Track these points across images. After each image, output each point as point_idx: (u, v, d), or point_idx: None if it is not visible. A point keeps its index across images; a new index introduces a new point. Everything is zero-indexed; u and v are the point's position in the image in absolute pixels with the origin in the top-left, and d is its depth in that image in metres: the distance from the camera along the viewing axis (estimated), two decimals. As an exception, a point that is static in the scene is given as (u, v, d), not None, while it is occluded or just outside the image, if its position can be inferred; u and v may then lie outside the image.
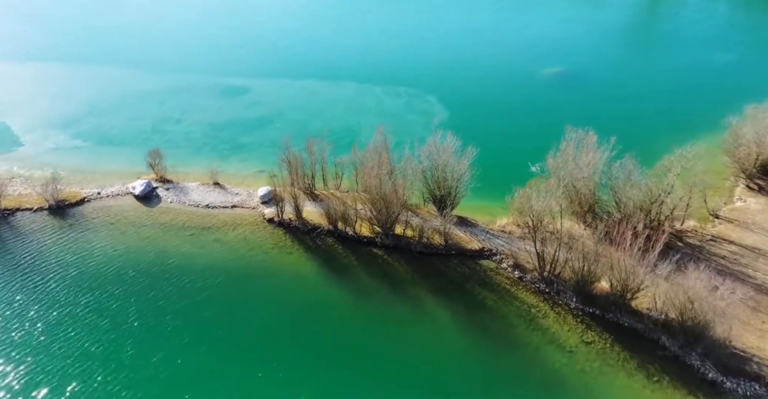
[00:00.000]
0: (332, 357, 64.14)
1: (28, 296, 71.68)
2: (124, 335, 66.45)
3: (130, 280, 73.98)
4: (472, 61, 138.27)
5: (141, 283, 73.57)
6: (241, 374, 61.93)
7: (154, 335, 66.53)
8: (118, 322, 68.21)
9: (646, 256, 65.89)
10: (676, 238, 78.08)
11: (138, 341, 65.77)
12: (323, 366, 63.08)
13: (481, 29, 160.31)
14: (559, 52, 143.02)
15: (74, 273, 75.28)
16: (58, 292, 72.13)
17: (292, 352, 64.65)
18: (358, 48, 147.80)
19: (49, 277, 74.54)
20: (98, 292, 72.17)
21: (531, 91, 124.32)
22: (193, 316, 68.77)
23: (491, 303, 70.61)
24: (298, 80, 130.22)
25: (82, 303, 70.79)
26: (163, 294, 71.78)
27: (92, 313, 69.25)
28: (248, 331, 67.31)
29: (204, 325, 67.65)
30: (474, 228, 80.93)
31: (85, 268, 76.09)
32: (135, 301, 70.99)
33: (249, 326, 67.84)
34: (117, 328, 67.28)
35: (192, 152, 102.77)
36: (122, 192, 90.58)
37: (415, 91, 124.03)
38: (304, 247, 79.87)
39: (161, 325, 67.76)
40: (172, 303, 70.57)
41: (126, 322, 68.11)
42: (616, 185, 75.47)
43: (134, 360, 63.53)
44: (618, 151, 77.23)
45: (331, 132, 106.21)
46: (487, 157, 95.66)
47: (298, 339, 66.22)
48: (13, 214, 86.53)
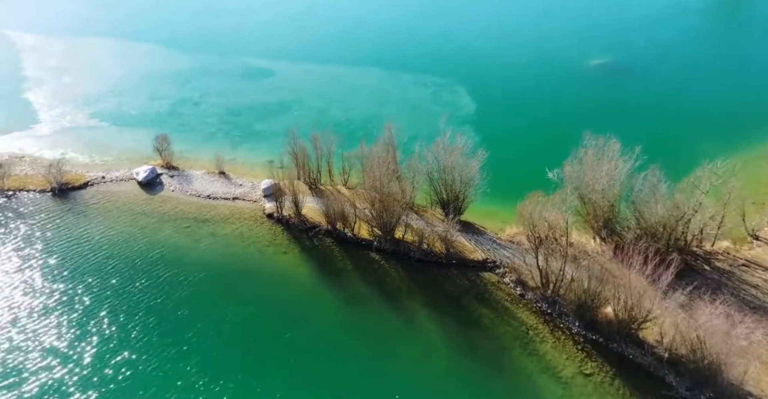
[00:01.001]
0: (310, 370, 60.33)
1: (2, 282, 70.36)
2: (90, 332, 64.16)
3: (112, 270, 71.86)
4: (511, 49, 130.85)
5: (122, 274, 71.29)
6: (205, 384, 58.72)
7: (122, 332, 64.10)
8: (87, 315, 66.02)
9: (658, 282, 59.38)
10: (703, 260, 71.03)
11: (104, 338, 63.41)
12: (298, 379, 59.47)
13: (527, 13, 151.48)
14: (611, 39, 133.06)
15: (56, 260, 73.71)
16: (35, 280, 70.58)
17: (266, 362, 61.28)
18: (389, 32, 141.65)
19: (29, 262, 73.18)
20: (76, 282, 70.28)
21: (571, 85, 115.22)
22: (167, 314, 66.02)
23: (487, 321, 65.57)
24: (323, 64, 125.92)
25: (58, 291, 69.09)
26: (142, 288, 69.37)
27: (63, 305, 67.33)
28: (224, 334, 64.01)
29: (176, 325, 64.80)
30: (480, 236, 75.65)
31: (69, 255, 74.37)
32: (111, 293, 68.73)
33: (225, 330, 64.54)
34: (85, 323, 65.02)
35: (204, 138, 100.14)
36: (126, 177, 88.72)
37: (444, 80, 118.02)
38: (300, 246, 76.26)
39: (132, 321, 65.28)
40: (148, 298, 68.00)
41: (96, 316, 65.87)
42: (638, 199, 68.64)
43: (96, 359, 61.16)
44: (647, 160, 70.27)
45: (349, 122, 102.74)
46: (509, 158, 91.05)
47: (277, 347, 62.75)
48: (15, 195, 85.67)
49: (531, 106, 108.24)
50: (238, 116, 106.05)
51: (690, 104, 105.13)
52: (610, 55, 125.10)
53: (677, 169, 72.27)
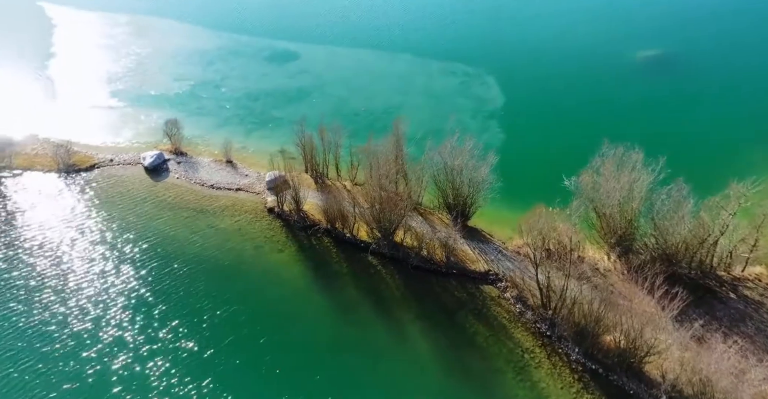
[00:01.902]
0: (283, 378, 57.43)
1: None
2: (55, 326, 62.71)
3: (98, 257, 70.56)
4: (551, 39, 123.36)
5: (107, 263, 69.94)
6: (168, 385, 56.46)
7: (93, 324, 62.50)
8: (54, 311, 64.44)
9: (666, 311, 53.98)
10: (729, 287, 64.67)
11: (70, 333, 61.90)
12: (270, 387, 56.69)
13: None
14: (662, 29, 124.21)
15: (38, 242, 72.75)
16: (12, 261, 69.83)
17: (237, 367, 58.53)
18: (423, 16, 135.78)
19: (16, 244, 72.53)
20: (51, 265, 69.47)
21: (610, 81, 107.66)
22: (144, 309, 64.12)
23: (482, 339, 61.27)
24: (352, 48, 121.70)
25: (34, 277, 68.16)
26: (125, 279, 67.72)
27: (38, 292, 66.40)
28: (199, 334, 61.60)
29: (152, 320, 62.89)
30: (486, 245, 70.95)
31: (56, 240, 73.26)
32: (90, 281, 67.42)
33: (203, 329, 62.13)
34: (47, 321, 63.42)
35: (218, 123, 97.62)
36: (134, 161, 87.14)
37: (474, 70, 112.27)
38: (297, 245, 73.17)
39: (107, 314, 63.60)
40: (128, 290, 66.38)
41: (68, 308, 64.36)
42: (658, 216, 62.61)
43: (60, 356, 59.59)
44: (677, 172, 63.82)
45: (368, 112, 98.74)
46: (531, 159, 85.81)
47: (252, 352, 59.89)
48: (22, 174, 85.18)
49: (564, 103, 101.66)
50: (255, 102, 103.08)
51: (737, 109, 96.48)
52: (660, 46, 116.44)
53: (710, 184, 65.79)
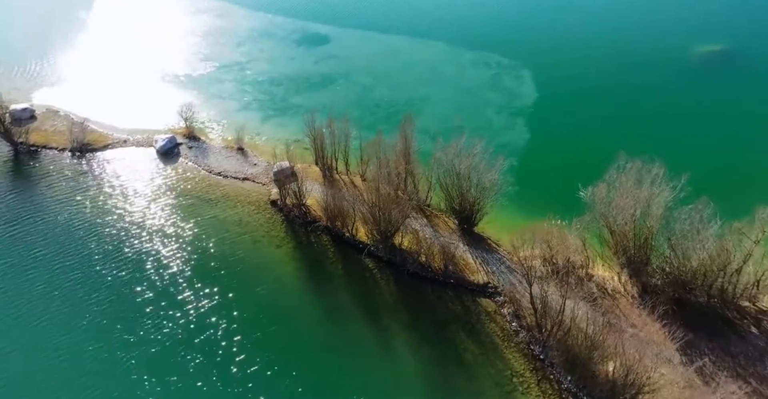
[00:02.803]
0: (262, 380, 55.51)
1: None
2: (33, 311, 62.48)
3: (93, 239, 70.21)
4: (599, 29, 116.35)
5: (103, 244, 69.37)
6: (137, 379, 55.34)
7: (73, 312, 62.02)
8: (38, 293, 64.18)
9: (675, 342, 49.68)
10: (752, 320, 59.07)
11: (46, 321, 61.33)
12: (243, 389, 54.91)
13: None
14: (728, 21, 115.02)
15: (25, 227, 72.53)
16: None
17: (210, 365, 56.82)
18: (462, 3, 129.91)
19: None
20: (44, 248, 69.25)
21: (663, 80, 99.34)
22: (127, 296, 63.27)
23: (470, 357, 57.81)
24: (385, 34, 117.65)
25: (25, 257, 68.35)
26: (114, 267, 66.88)
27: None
28: (178, 326, 60.26)
29: (132, 309, 61.89)
30: (490, 254, 67.03)
31: (49, 223, 73.16)
32: (72, 265, 67.04)
33: (182, 322, 60.76)
34: (32, 301, 63.32)
35: (237, 108, 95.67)
36: (147, 143, 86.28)
37: (510, 61, 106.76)
38: (295, 242, 70.94)
39: (88, 300, 62.98)
40: (110, 277, 65.63)
41: (48, 296, 63.80)
42: (675, 237, 57.38)
43: (40, 340, 59.33)
44: (712, 190, 58.38)
45: (390, 103, 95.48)
46: (555, 164, 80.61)
47: (226, 351, 58.09)
48: (38, 151, 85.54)
49: (602, 103, 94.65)
50: (277, 87, 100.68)
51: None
52: (726, 41, 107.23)
53: (742, 205, 59.65)
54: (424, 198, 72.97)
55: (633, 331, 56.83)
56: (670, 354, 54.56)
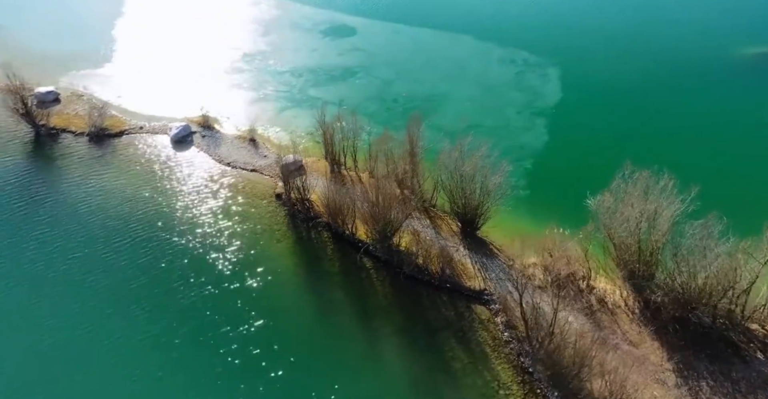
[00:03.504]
0: (243, 375, 55.04)
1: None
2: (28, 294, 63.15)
3: (98, 223, 70.87)
4: (635, 27, 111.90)
5: (108, 230, 69.98)
6: (112, 366, 55.58)
7: (66, 288, 62.94)
8: (32, 276, 64.84)
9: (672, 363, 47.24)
10: (759, 344, 55.83)
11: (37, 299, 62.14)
12: (221, 383, 54.43)
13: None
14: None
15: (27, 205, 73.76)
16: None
17: (192, 357, 56.63)
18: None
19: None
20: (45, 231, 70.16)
21: (706, 82, 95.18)
22: (118, 282, 63.52)
23: (459, 366, 56.18)
24: (414, 27, 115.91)
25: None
26: (111, 251, 67.23)
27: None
28: (164, 315, 60.23)
29: (123, 295, 62.05)
30: (491, 260, 65.10)
31: (58, 202, 74.47)
32: (73, 247, 67.69)
33: (168, 309, 60.77)
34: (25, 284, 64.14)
35: (254, 98, 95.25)
36: (163, 130, 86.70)
37: (537, 59, 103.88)
38: (295, 237, 70.28)
39: (84, 283, 63.54)
40: (107, 262, 65.90)
41: (46, 279, 64.38)
42: (680, 253, 54.48)
43: (26, 318, 60.09)
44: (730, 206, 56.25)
45: (408, 98, 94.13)
46: (572, 169, 78.08)
47: (211, 342, 57.68)
48: (58, 134, 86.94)
49: (631, 106, 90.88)
50: (298, 78, 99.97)
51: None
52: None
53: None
54: (429, 198, 71.23)
55: (628, 348, 54.43)
56: (665, 375, 52.07)
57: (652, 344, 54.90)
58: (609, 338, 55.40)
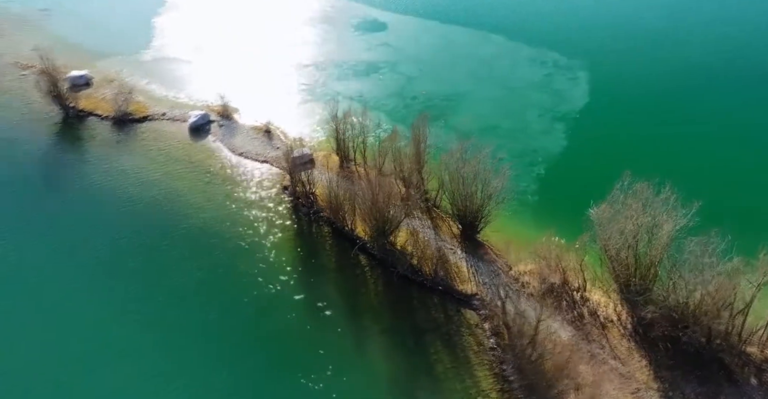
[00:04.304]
0: (223, 361, 55.68)
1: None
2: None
3: (103, 203, 73.07)
4: (674, 30, 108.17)
5: (108, 210, 72.09)
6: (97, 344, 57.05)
7: (70, 261, 65.20)
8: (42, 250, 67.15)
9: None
10: (754, 369, 53.20)
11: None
12: (203, 368, 55.14)
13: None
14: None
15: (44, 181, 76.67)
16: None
17: (179, 341, 57.46)
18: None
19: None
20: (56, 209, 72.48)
21: (744, 94, 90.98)
22: (114, 260, 65.32)
23: (441, 370, 55.44)
24: (446, 24, 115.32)
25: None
26: (115, 230, 69.24)
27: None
28: (153, 297, 61.49)
29: (117, 273, 63.75)
30: (487, 264, 63.94)
31: (76, 182, 76.93)
32: (83, 222, 70.22)
33: (159, 293, 61.88)
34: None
35: (276, 90, 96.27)
36: (183, 118, 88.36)
37: (568, 61, 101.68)
38: (296, 229, 70.60)
39: (87, 259, 65.52)
40: (110, 239, 67.91)
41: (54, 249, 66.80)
42: (675, 269, 52.38)
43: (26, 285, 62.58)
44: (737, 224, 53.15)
45: (427, 97, 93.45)
46: (587, 177, 75.46)
47: (200, 328, 58.48)
48: (85, 117, 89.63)
49: (660, 114, 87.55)
50: (321, 71, 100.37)
51: None
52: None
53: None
54: (433, 199, 70.54)
55: (615, 363, 52.76)
56: (648, 394, 50.28)
57: (641, 361, 53.03)
58: (596, 352, 53.82)
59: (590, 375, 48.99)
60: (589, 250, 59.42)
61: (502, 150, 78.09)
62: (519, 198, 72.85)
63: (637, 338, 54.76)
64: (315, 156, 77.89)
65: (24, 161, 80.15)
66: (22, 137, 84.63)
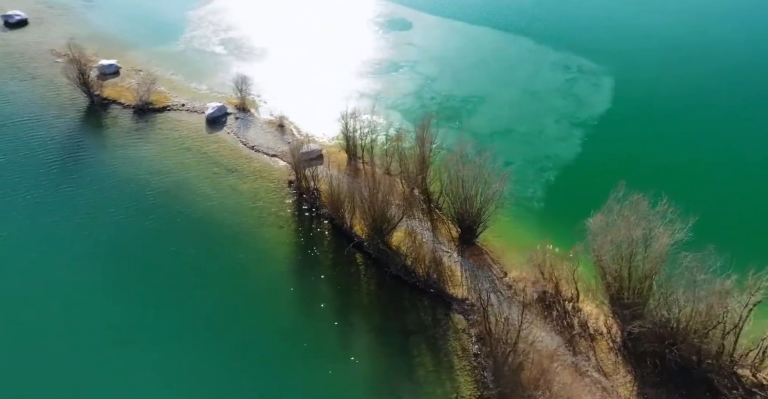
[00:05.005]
0: (206, 351, 56.59)
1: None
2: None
3: (114, 187, 75.22)
4: (711, 39, 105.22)
5: (115, 195, 73.99)
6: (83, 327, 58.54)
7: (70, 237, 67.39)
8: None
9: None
10: (742, 392, 51.45)
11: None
12: (184, 356, 56.20)
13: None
14: None
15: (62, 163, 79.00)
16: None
17: (167, 329, 58.68)
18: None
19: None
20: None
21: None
22: (117, 243, 67.01)
23: (422, 374, 55.18)
24: (473, 25, 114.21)
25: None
26: (120, 213, 71.19)
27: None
28: (146, 281, 62.91)
29: (115, 257, 65.41)
30: (481, 269, 63.30)
31: (92, 166, 79.03)
32: (92, 204, 72.25)
33: (152, 279, 63.18)
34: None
35: (295, 85, 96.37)
36: (201, 109, 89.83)
37: (594, 66, 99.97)
38: (297, 224, 71.05)
39: (87, 237, 67.56)
40: (113, 221, 69.88)
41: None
42: (665, 286, 50.95)
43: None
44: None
45: (446, 97, 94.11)
46: (598, 186, 72.15)
47: (194, 319, 59.46)
48: (109, 105, 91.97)
49: (682, 127, 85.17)
50: (346, 69, 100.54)
51: None
52: None
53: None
54: (435, 200, 70.11)
55: (598, 377, 51.70)
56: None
57: (625, 376, 51.84)
58: (581, 364, 52.75)
59: (570, 387, 47.81)
60: (585, 261, 58.22)
61: (514, 154, 77.97)
62: (524, 204, 72.19)
63: (625, 352, 53.50)
64: (324, 152, 78.03)
65: (45, 143, 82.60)
66: (47, 121, 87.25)
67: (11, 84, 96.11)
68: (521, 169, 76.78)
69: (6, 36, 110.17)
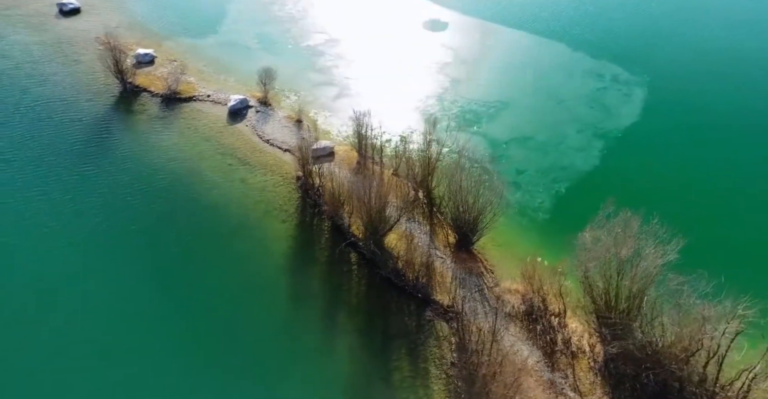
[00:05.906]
0: (192, 346, 57.75)
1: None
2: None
3: (131, 171, 77.69)
4: (756, 57, 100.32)
5: (127, 180, 76.00)
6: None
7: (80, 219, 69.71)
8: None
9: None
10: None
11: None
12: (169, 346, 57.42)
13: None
14: None
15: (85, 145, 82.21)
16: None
17: (156, 317, 59.89)
18: (611, 9, 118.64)
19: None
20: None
21: None
22: (119, 229, 68.80)
23: (398, 379, 54.74)
24: (510, 28, 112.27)
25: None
26: (128, 199, 73.05)
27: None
28: (150, 264, 64.74)
29: (120, 243, 67.09)
30: (474, 277, 62.25)
31: (113, 150, 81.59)
32: (108, 185, 75.01)
33: (147, 265, 64.81)
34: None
35: (320, 82, 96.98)
36: (224, 101, 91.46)
37: (628, 76, 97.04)
38: (300, 220, 71.55)
39: (95, 216, 69.93)
40: (122, 204, 72.16)
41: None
42: (648, 305, 49.03)
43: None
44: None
45: (468, 101, 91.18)
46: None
47: (183, 307, 60.63)
48: (140, 92, 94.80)
49: (706, 147, 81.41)
50: (368, 68, 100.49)
51: None
52: None
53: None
54: (438, 205, 69.38)
55: (573, 395, 50.29)
56: (599, 437, 47.26)
57: (602, 398, 49.94)
58: (557, 381, 51.31)
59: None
60: (574, 276, 56.52)
61: (528, 163, 76.49)
62: (530, 214, 70.53)
63: (606, 373, 51.83)
64: (336, 150, 78.26)
65: (73, 125, 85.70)
66: (79, 105, 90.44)
67: (54, 66, 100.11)
68: (532, 178, 75.27)
69: (59, 23, 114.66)
